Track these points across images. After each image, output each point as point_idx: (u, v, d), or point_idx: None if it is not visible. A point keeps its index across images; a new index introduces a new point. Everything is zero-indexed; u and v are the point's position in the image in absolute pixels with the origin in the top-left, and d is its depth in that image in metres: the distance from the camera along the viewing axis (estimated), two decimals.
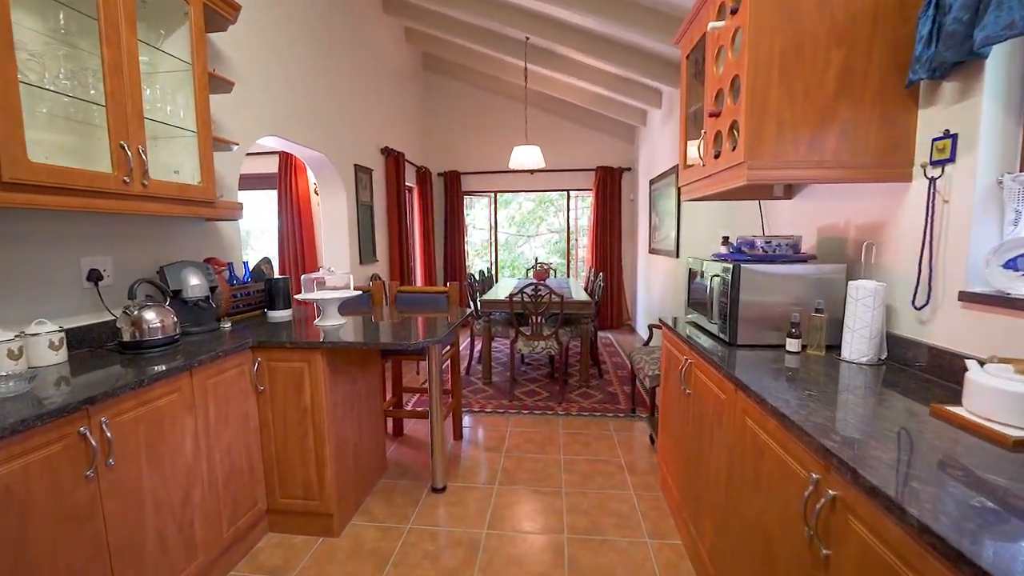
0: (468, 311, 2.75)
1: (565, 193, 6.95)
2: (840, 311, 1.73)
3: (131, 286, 1.82)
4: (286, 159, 5.02)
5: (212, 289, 2.28)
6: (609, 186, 6.47)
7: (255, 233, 6.52)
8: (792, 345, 1.69)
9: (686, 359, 1.94)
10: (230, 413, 1.89)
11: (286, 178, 4.96)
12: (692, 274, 2.26)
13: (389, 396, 3.19)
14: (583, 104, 5.86)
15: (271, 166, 5.30)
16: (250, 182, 5.53)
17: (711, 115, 1.79)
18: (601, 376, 4.41)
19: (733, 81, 1.64)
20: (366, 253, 4.63)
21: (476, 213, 7.68)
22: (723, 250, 2.10)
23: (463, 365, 4.75)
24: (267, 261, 2.82)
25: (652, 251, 5.31)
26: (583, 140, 6.58)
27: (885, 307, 1.55)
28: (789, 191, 2.25)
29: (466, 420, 3.43)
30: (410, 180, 6.06)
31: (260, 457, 2.06)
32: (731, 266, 1.76)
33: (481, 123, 6.68)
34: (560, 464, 2.78)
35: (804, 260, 1.81)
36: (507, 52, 5.07)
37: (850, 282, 1.59)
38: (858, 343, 1.56)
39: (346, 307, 3.00)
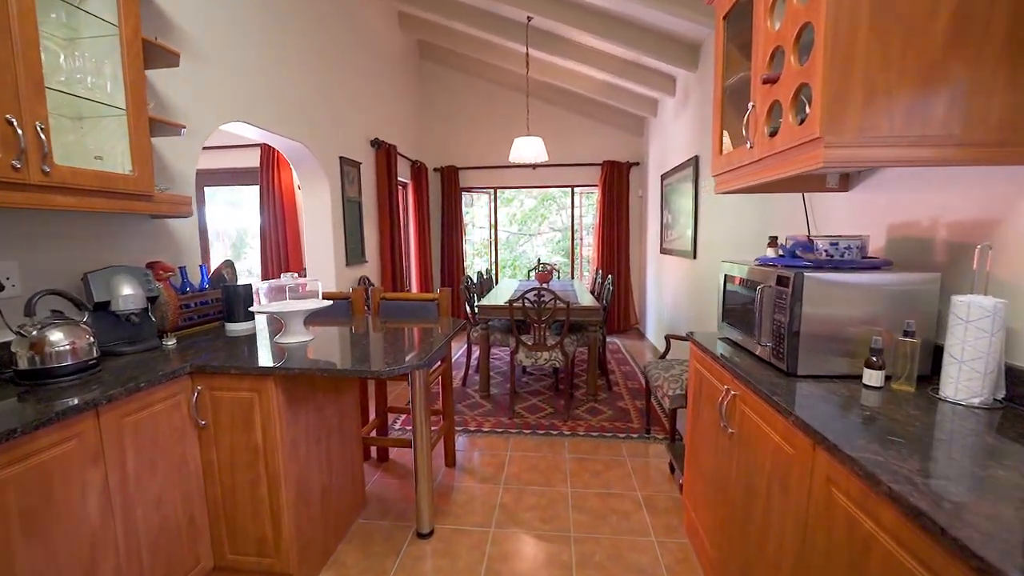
0: (461, 323, 2.37)
1: (569, 189, 6.56)
2: (932, 333, 1.34)
3: (29, 300, 1.45)
4: (268, 151, 4.64)
5: (152, 299, 1.91)
6: (616, 182, 6.08)
7: (252, 233, 6.12)
8: (872, 378, 1.30)
9: (727, 389, 1.56)
10: (159, 457, 1.51)
11: (268, 172, 4.59)
12: (728, 281, 1.88)
13: (372, 417, 2.82)
14: (589, 93, 5.47)
15: (255, 159, 4.92)
16: (237, 177, 5.16)
17: (765, 81, 1.41)
18: (610, 388, 4.03)
19: (799, 34, 1.25)
20: (353, 254, 4.25)
21: (476, 211, 7.31)
22: (770, 253, 1.72)
23: (459, 375, 4.38)
24: (229, 265, 2.44)
25: (664, 251, 4.92)
26: (588, 133, 6.19)
27: (1005, 331, 1.17)
28: (846, 181, 1.87)
29: (461, 442, 3.05)
30: (404, 175, 5.69)
31: (204, 506, 1.69)
32: (791, 275, 1.38)
33: (480, 115, 6.29)
34: (567, 499, 2.40)
35: (878, 267, 1.43)
36: (507, 36, 4.68)
37: (955, 297, 1.20)
38: (968, 378, 1.17)
39: (323, 317, 2.63)
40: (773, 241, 1.72)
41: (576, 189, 6.53)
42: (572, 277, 6.76)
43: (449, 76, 6.28)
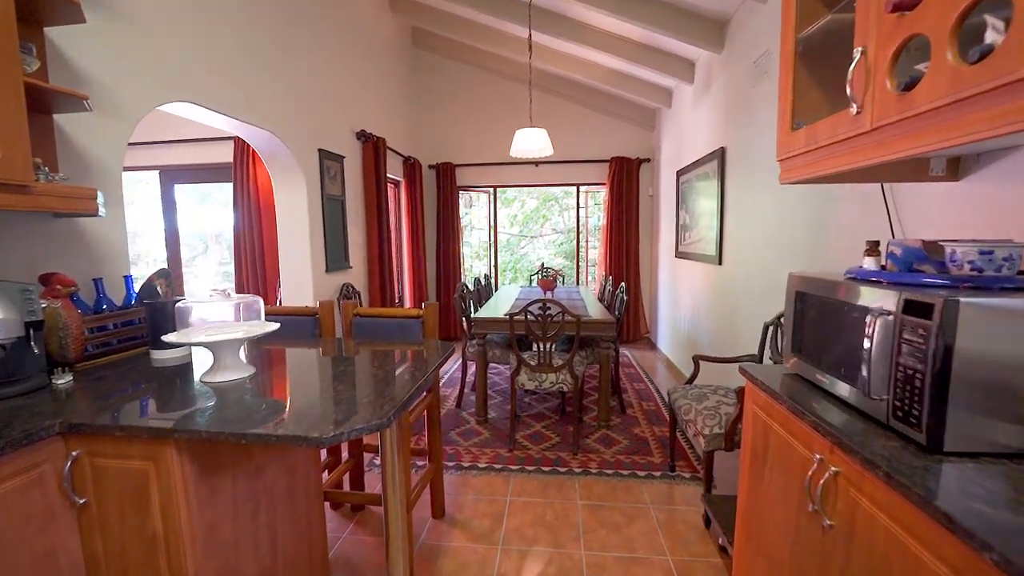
0: (450, 349, 1.91)
1: (574, 188, 6.10)
2: None
3: None
4: (242, 144, 4.19)
5: (36, 324, 1.44)
6: (625, 180, 5.62)
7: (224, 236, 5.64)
8: None
9: (821, 459, 1.09)
10: (10, 555, 1.05)
11: (243, 167, 4.14)
12: (800, 300, 1.41)
13: (344, 457, 2.35)
14: (596, 82, 5.01)
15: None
16: (214, 174, 4.70)
17: (895, 8, 0.94)
18: (623, 411, 3.56)
19: None
20: (335, 259, 3.78)
21: (475, 212, 6.85)
22: (869, 263, 1.25)
23: (453, 393, 3.91)
24: (164, 275, 1.97)
25: (681, 255, 4.46)
26: (595, 127, 5.74)
27: None
28: (954, 168, 1.40)
29: (451, 482, 2.58)
30: (396, 172, 5.23)
31: None
32: (936, 300, 0.91)
33: (479, 108, 5.83)
34: (581, 568, 1.93)
35: None
36: (508, 17, 4.23)
37: None
38: None
39: (286, 337, 2.17)
40: (874, 248, 1.25)
41: (582, 188, 6.06)
42: (577, 283, 6.29)
43: (445, 65, 5.83)
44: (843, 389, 1.19)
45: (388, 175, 4.99)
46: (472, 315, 3.41)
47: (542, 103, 5.62)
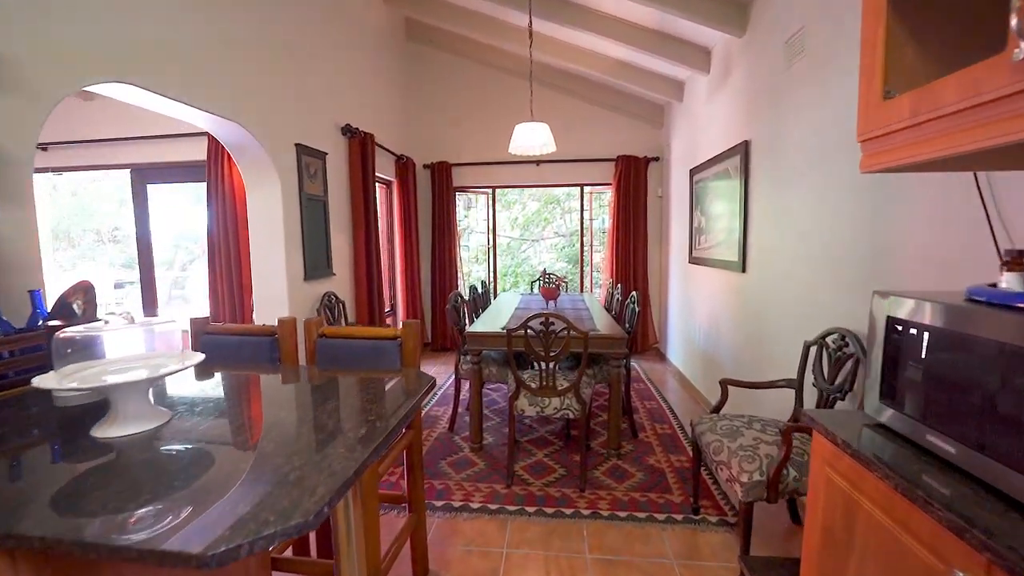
0: (428, 382, 1.54)
1: (578, 189, 5.74)
2: None
3: None
4: (216, 141, 3.83)
5: None
6: (632, 180, 5.26)
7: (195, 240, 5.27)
8: None
9: None
10: None
11: (217, 165, 3.79)
12: (900, 331, 1.04)
13: None
14: (602, 75, 4.66)
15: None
16: (191, 173, 4.34)
17: None
18: (635, 435, 3.19)
19: None
20: (316, 264, 3.43)
21: (474, 214, 6.50)
22: (1013, 281, 0.88)
23: (445, 413, 3.54)
24: (83, 290, 1.62)
25: (695, 261, 4.09)
26: (601, 124, 5.38)
27: None
28: None
29: (439, 526, 2.21)
30: (387, 172, 4.88)
31: None
32: None
33: (477, 105, 5.49)
34: None
35: None
36: (507, 2, 3.88)
37: None
38: None
39: (241, 360, 1.81)
40: (1018, 260, 0.88)
41: (586, 188, 5.70)
42: (581, 290, 5.92)
43: (441, 59, 5.48)
44: (987, 467, 0.82)
45: (378, 174, 4.65)
46: (467, 329, 3.05)
47: (544, 99, 5.27)
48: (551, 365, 2.52)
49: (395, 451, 1.69)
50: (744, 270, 3.04)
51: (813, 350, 2.10)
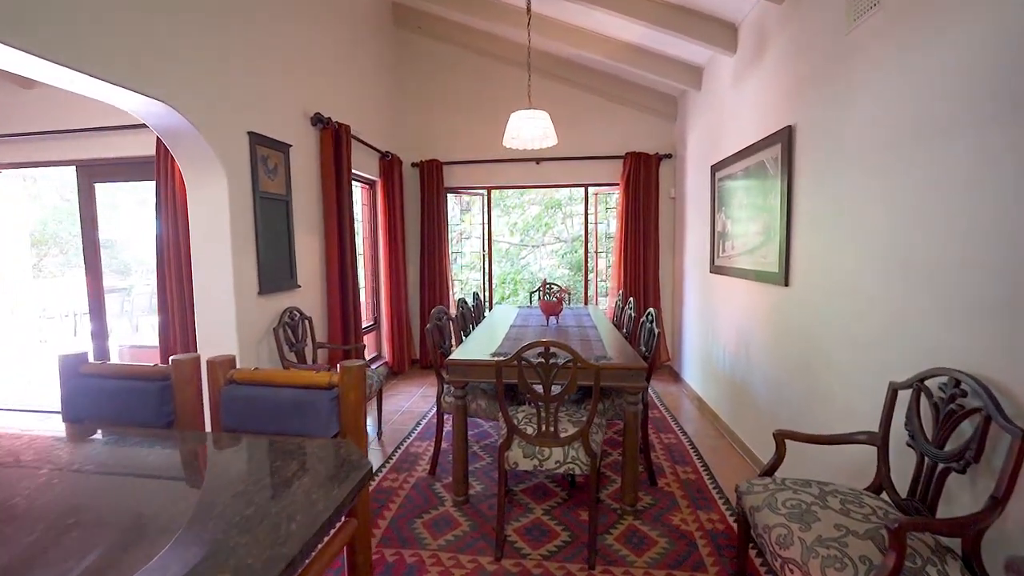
0: (365, 468, 1.01)
1: (582, 190, 5.21)
2: None
3: None
4: None
5: None
6: (642, 179, 4.73)
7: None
8: None
9: None
10: None
11: (166, 160, 3.27)
12: None
13: None
14: (609, 60, 4.14)
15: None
16: (143, 170, 3.83)
17: None
18: (654, 482, 2.64)
19: None
20: (274, 276, 2.90)
21: (470, 218, 5.99)
22: None
23: (426, 450, 2.99)
24: None
25: (717, 270, 3.56)
26: (607, 118, 4.87)
27: None
28: None
29: None
30: (370, 170, 4.37)
31: None
32: None
33: (470, 98, 4.98)
34: None
35: None
36: None
37: None
38: None
39: (114, 417, 1.29)
40: None
41: (591, 189, 5.18)
42: (586, 301, 5.39)
43: (431, 48, 4.98)
44: None
45: (360, 173, 4.14)
46: (450, 355, 2.51)
47: (544, 90, 4.76)
48: (552, 408, 1.98)
49: (326, 555, 1.15)
50: (787, 283, 2.51)
51: (905, 396, 1.56)
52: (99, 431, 1.25)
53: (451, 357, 2.38)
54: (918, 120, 1.62)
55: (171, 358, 1.35)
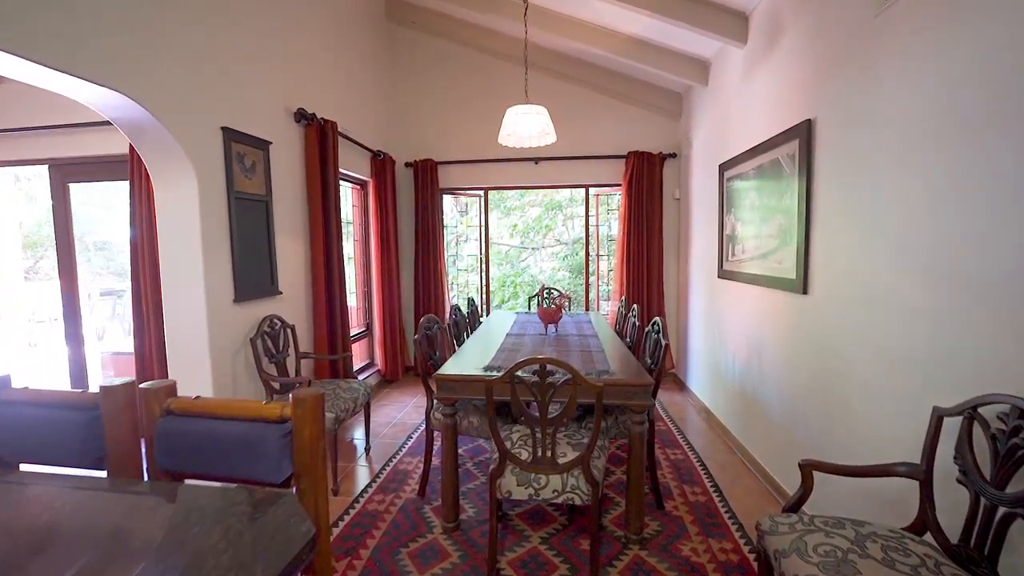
0: (307, 537, 0.82)
1: (583, 190, 5.01)
2: None
3: None
4: None
5: None
6: (646, 180, 4.53)
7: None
8: None
9: None
10: None
11: (140, 163, 3.08)
12: None
13: None
14: (613, 56, 3.95)
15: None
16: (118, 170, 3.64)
17: None
18: (661, 505, 2.43)
19: None
20: (251, 282, 2.71)
21: (471, 220, 5.78)
22: None
23: (418, 464, 2.78)
24: None
25: (726, 275, 3.36)
26: (608, 116, 4.67)
27: None
28: None
29: None
30: (361, 170, 4.17)
31: None
32: None
33: (467, 95, 4.78)
34: None
35: None
36: None
37: None
38: None
39: (34, 449, 1.09)
40: None
41: (591, 190, 4.98)
42: (587, 307, 5.18)
43: (425, 43, 4.79)
44: None
45: (351, 173, 3.96)
46: (438, 370, 2.31)
47: (543, 87, 4.56)
48: (549, 431, 1.78)
49: None
50: (805, 290, 2.30)
51: (952, 424, 1.36)
52: None
53: (439, 371, 2.18)
54: (966, 108, 1.42)
55: (101, 386, 1.15)
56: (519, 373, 1.72)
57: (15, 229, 6.00)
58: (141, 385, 1.13)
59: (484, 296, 5.17)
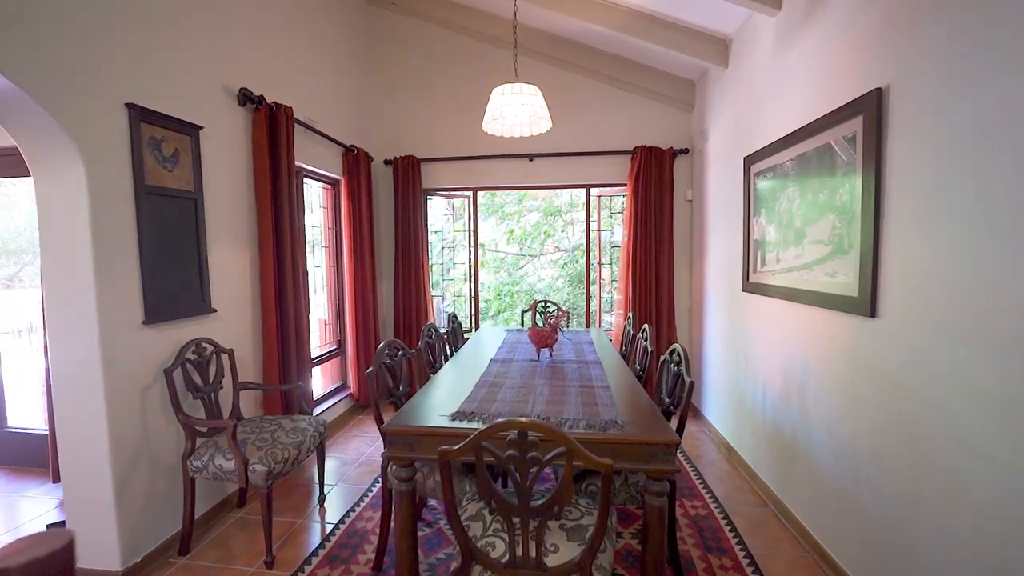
0: None
1: (583, 191, 4.49)
2: None
3: None
4: None
5: None
6: (654, 178, 4.00)
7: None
8: None
9: None
10: None
11: None
12: None
13: None
14: (615, 35, 3.43)
15: None
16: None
17: None
18: None
19: None
20: (173, 298, 2.17)
21: (460, 225, 5.26)
22: None
23: (376, 526, 2.23)
24: None
25: (753, 288, 2.82)
26: (611, 107, 4.15)
27: None
28: None
29: None
30: (331, 167, 3.65)
31: None
32: None
33: (454, 85, 4.28)
34: None
35: None
36: None
37: None
38: None
39: None
40: None
41: (593, 190, 4.46)
42: (587, 323, 4.64)
43: (407, 26, 4.29)
44: None
45: (317, 169, 3.45)
46: (387, 423, 1.76)
47: (538, 73, 4.05)
48: (531, 518, 1.24)
49: None
50: (873, 312, 1.76)
51: None
52: None
53: (389, 422, 1.63)
54: None
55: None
56: (488, 447, 1.18)
57: None
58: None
59: (473, 308, 4.63)
